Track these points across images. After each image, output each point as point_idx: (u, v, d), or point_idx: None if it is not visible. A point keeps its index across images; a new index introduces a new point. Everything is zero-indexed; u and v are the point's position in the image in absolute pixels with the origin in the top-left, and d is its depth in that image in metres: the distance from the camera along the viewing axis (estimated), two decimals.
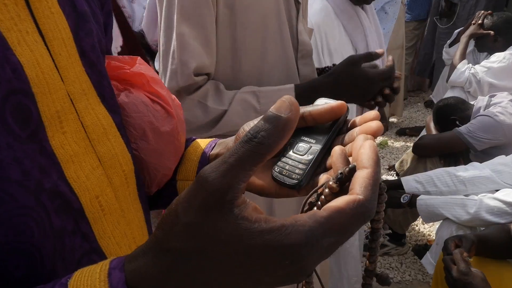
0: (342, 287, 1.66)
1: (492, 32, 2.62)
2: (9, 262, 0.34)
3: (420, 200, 1.72)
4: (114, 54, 0.55)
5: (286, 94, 0.95)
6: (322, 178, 0.38)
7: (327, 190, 0.32)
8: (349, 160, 0.35)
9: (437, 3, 4.08)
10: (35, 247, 0.35)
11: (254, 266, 0.28)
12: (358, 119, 0.40)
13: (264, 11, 0.96)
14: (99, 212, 0.42)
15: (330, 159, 0.38)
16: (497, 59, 2.51)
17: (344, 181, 0.31)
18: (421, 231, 2.49)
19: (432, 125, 2.40)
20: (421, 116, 4.30)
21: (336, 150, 0.36)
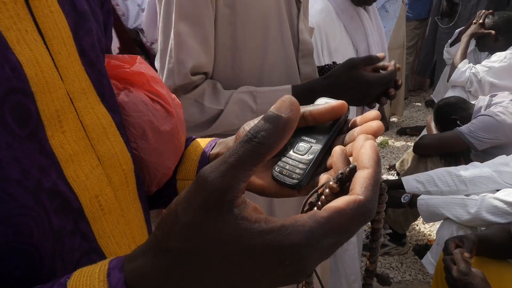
0: (341, 286, 1.66)
1: (493, 32, 2.62)
2: (8, 262, 0.34)
3: (420, 200, 1.72)
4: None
5: (283, 94, 0.95)
6: (323, 178, 0.38)
7: (327, 190, 0.32)
8: (349, 160, 0.35)
9: (438, 2, 4.07)
10: (35, 247, 0.35)
11: (253, 267, 0.28)
12: (358, 118, 0.40)
13: (265, 10, 0.96)
14: (99, 212, 0.42)
15: (331, 159, 0.37)
16: (498, 58, 2.51)
17: (345, 181, 0.31)
18: (422, 231, 2.49)
19: (432, 124, 2.39)
20: (422, 115, 4.30)
21: (337, 150, 0.35)
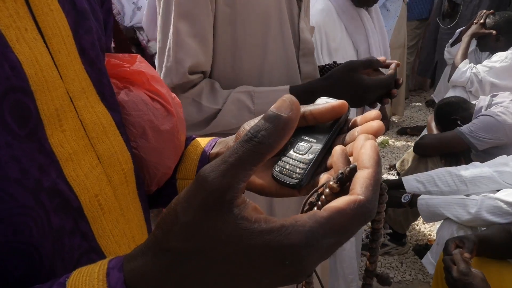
0: (338, 286, 1.66)
1: (494, 32, 2.61)
2: (7, 261, 0.34)
3: (421, 199, 1.71)
4: None
5: (281, 94, 0.95)
6: (323, 178, 0.38)
7: (327, 190, 0.31)
8: (350, 160, 0.35)
9: (440, 3, 4.06)
10: (34, 246, 0.35)
11: (253, 267, 0.28)
12: (359, 118, 0.40)
13: (265, 9, 0.96)
14: (98, 211, 0.42)
15: (331, 158, 0.37)
16: (499, 58, 2.50)
17: (345, 181, 0.31)
18: (422, 231, 2.48)
19: (433, 124, 2.39)
20: (422, 115, 4.30)
21: (337, 149, 0.35)
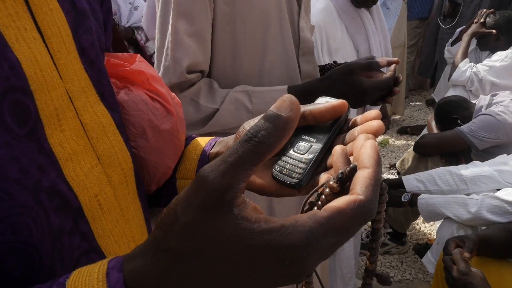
0: (336, 285, 1.66)
1: (494, 31, 2.61)
2: (7, 261, 0.34)
3: (421, 199, 1.71)
4: None
5: (279, 94, 0.95)
6: (323, 177, 0.38)
7: (327, 189, 0.31)
8: (350, 160, 0.35)
9: (440, 3, 4.06)
10: (34, 246, 0.35)
11: (253, 267, 0.28)
12: (359, 118, 0.40)
13: (265, 8, 0.96)
14: (98, 211, 0.42)
15: (331, 158, 0.37)
16: (499, 58, 2.50)
17: (345, 181, 0.31)
18: (422, 230, 2.48)
19: (433, 124, 2.39)
20: (423, 114, 4.30)
21: (337, 149, 0.35)
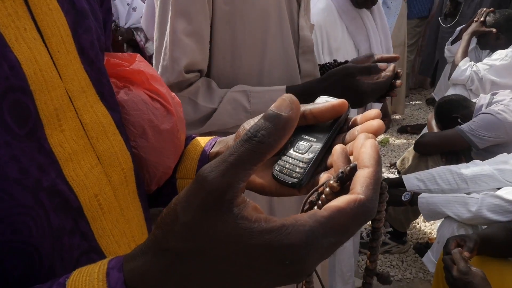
0: (336, 284, 1.66)
1: (494, 30, 2.61)
2: (7, 261, 0.34)
3: (421, 198, 1.71)
4: None
5: (277, 94, 0.95)
6: (323, 177, 0.38)
7: (327, 189, 0.31)
8: (350, 159, 0.35)
9: (441, 2, 4.05)
10: (34, 246, 0.35)
11: (253, 266, 0.28)
12: (359, 117, 0.39)
13: (264, 6, 0.96)
14: (98, 211, 0.42)
15: (331, 158, 0.37)
16: (499, 56, 2.50)
17: (345, 180, 0.31)
18: (422, 229, 2.48)
19: (433, 123, 2.39)
20: (423, 114, 4.30)
21: (337, 148, 0.35)
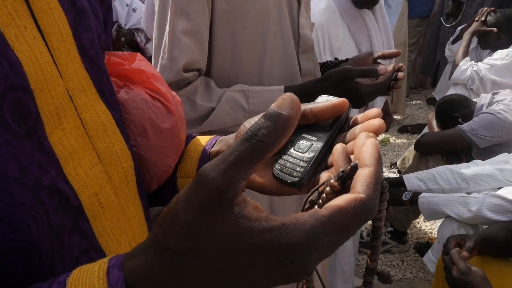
0: (337, 283, 1.66)
1: (495, 29, 2.61)
2: (6, 260, 0.34)
3: (421, 197, 1.71)
4: None
5: (275, 94, 0.95)
6: (324, 176, 0.38)
7: (328, 188, 0.31)
8: (350, 158, 0.35)
9: (442, 2, 4.04)
10: (33, 245, 0.35)
11: (254, 265, 0.28)
12: (360, 116, 0.39)
13: (264, 5, 0.96)
14: (99, 210, 0.42)
15: (332, 157, 0.37)
16: (500, 56, 2.50)
17: (346, 179, 0.31)
18: (423, 229, 2.48)
19: (434, 122, 2.39)
20: (423, 113, 4.30)
21: (338, 148, 0.35)
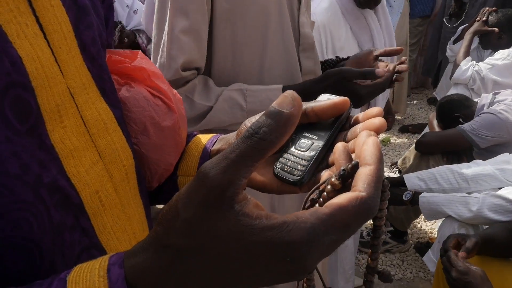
0: (338, 282, 1.66)
1: (496, 29, 2.60)
2: (7, 257, 0.34)
3: (422, 197, 1.71)
4: None
5: (273, 93, 0.95)
6: (324, 174, 0.38)
7: (329, 186, 0.31)
8: (351, 157, 0.35)
9: (444, 2, 4.03)
10: (34, 242, 0.35)
11: (254, 263, 0.28)
12: (361, 115, 0.39)
13: (265, 3, 0.96)
14: (99, 207, 0.42)
15: (333, 155, 0.37)
16: (501, 56, 2.49)
17: (347, 178, 0.31)
18: (423, 229, 2.48)
19: (435, 122, 2.38)
20: (424, 113, 4.29)
21: (339, 146, 0.35)
